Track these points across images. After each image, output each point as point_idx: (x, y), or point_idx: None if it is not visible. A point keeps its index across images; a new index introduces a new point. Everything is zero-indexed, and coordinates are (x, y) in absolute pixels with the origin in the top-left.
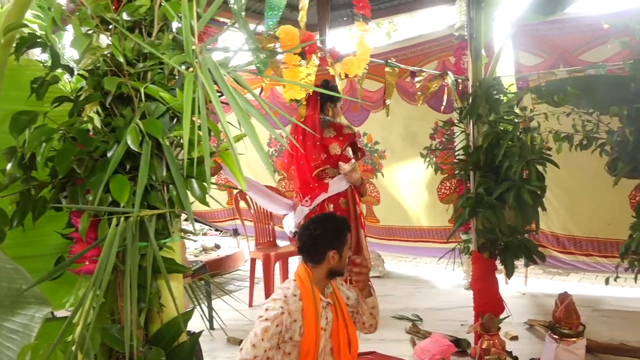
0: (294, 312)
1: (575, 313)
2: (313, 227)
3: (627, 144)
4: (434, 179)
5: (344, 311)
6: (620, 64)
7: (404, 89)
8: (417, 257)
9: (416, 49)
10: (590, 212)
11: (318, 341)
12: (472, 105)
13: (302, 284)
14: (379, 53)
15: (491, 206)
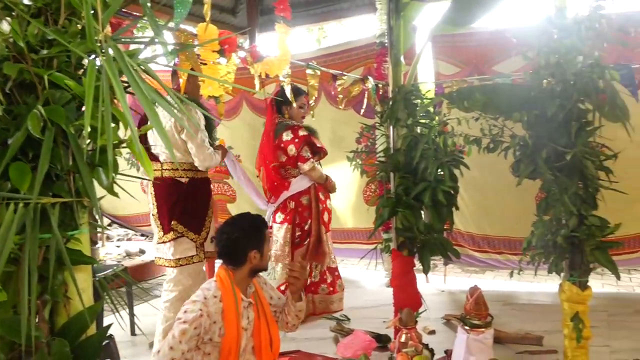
0: (213, 314)
1: (484, 305)
2: (230, 230)
3: (527, 147)
4: (360, 181)
5: (265, 310)
6: (522, 75)
7: (329, 93)
8: (344, 259)
9: (343, 55)
10: (502, 212)
11: (239, 341)
12: (391, 109)
13: (223, 285)
14: (309, 58)
15: (409, 206)
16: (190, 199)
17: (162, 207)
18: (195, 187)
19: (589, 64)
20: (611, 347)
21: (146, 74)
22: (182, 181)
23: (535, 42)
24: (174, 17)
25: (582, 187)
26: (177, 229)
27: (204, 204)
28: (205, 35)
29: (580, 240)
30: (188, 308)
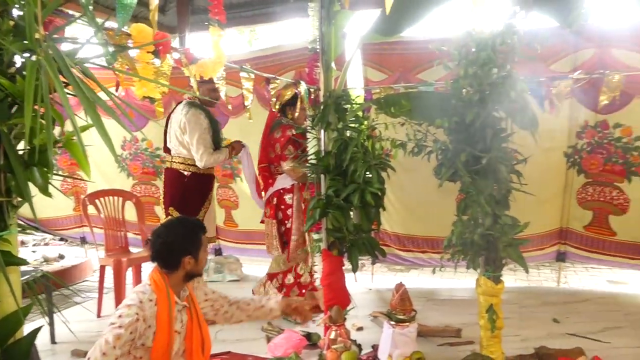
0: (149, 318)
1: (408, 300)
2: (165, 233)
3: (448, 151)
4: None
5: (198, 313)
6: (444, 84)
7: (261, 96)
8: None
9: (275, 59)
10: (425, 212)
11: (171, 345)
12: (322, 113)
13: (158, 288)
14: (241, 60)
15: (339, 207)
16: (189, 190)
17: (166, 195)
18: (195, 181)
19: (502, 76)
20: (521, 335)
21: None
22: (185, 174)
23: (455, 53)
24: (118, 22)
25: (497, 189)
26: (173, 214)
27: (202, 196)
28: (139, 36)
29: (495, 238)
30: (123, 312)
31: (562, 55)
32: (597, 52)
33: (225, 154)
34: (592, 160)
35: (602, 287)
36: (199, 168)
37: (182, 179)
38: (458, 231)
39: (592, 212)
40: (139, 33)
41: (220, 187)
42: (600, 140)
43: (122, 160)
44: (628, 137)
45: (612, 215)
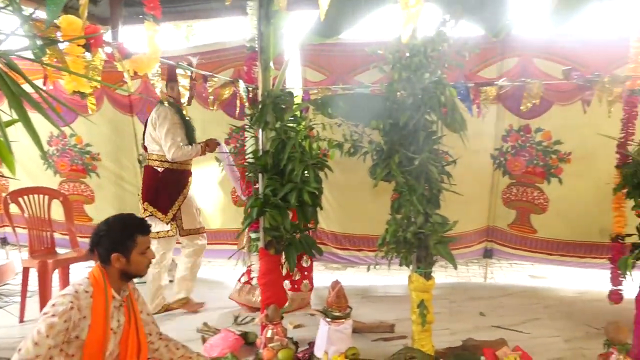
0: (84, 308)
1: (344, 298)
2: (103, 226)
3: (382, 152)
4: (229, 182)
5: (137, 316)
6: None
7: (199, 93)
8: (212, 260)
9: (213, 56)
10: (361, 211)
11: (106, 343)
12: (260, 112)
13: (96, 281)
14: (178, 56)
15: (277, 206)
16: (162, 185)
17: (142, 190)
18: (169, 176)
19: (433, 81)
20: (451, 329)
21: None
22: (159, 170)
23: (390, 57)
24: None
25: (428, 189)
26: (147, 209)
27: (176, 190)
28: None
29: (426, 235)
30: (57, 301)
31: (490, 63)
32: (521, 60)
33: (197, 150)
34: (515, 162)
35: (524, 281)
36: (172, 164)
37: (157, 175)
38: (392, 229)
39: (515, 211)
40: (68, 25)
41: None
42: (523, 143)
43: (48, 157)
44: (548, 141)
45: (534, 214)
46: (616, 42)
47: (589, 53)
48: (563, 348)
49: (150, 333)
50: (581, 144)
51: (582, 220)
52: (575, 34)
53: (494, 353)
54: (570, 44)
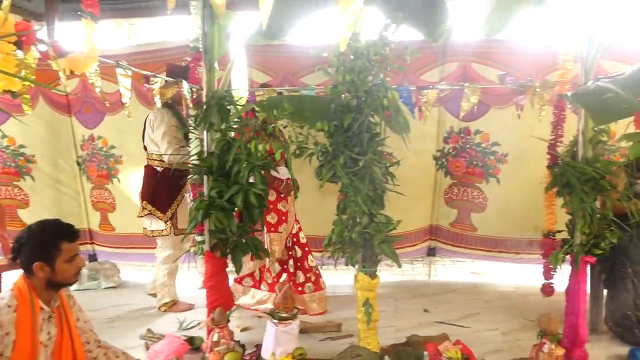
0: (6, 324)
1: (291, 298)
2: (25, 233)
3: (328, 153)
4: None
5: (71, 326)
6: (323, 88)
7: (142, 94)
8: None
9: (156, 55)
10: (309, 212)
11: (35, 358)
12: (205, 114)
13: (20, 294)
14: (120, 55)
15: (222, 208)
16: (160, 185)
17: (142, 189)
18: (167, 176)
19: (376, 84)
20: (396, 326)
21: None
22: (158, 170)
23: (334, 60)
24: None
25: (372, 190)
26: (147, 207)
27: (173, 191)
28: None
29: (371, 235)
30: None
31: (431, 67)
32: (461, 65)
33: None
34: (456, 163)
35: (466, 278)
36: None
37: (155, 175)
38: (338, 230)
39: (457, 210)
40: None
41: (95, 189)
42: (464, 145)
43: None
44: (486, 142)
45: (474, 213)
46: (547, 49)
47: (524, 59)
48: (501, 340)
49: (87, 341)
50: (516, 146)
51: (518, 218)
52: (511, 41)
53: (437, 347)
54: (506, 50)
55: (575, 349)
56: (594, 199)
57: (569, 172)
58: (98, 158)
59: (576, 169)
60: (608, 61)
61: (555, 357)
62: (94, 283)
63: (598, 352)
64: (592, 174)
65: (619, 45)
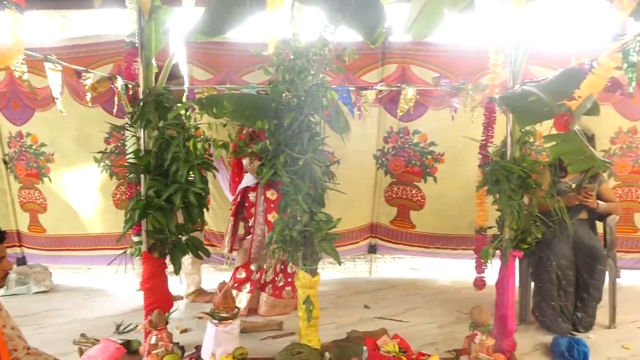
0: None
1: (231, 298)
2: None
3: (268, 152)
4: (109, 184)
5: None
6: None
7: (74, 89)
8: (91, 267)
9: (90, 49)
10: None
11: None
12: (142, 111)
13: None
14: (52, 48)
15: (160, 208)
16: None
17: None
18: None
19: (316, 84)
20: (337, 323)
21: None
22: None
23: (274, 59)
24: None
25: (313, 188)
26: None
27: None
28: None
29: (311, 233)
30: None
31: (371, 68)
32: (400, 66)
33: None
34: (396, 162)
35: (405, 274)
36: None
37: None
38: (278, 228)
39: (396, 208)
40: None
41: (24, 188)
42: (403, 144)
43: None
44: (424, 142)
45: (412, 211)
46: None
47: (459, 62)
48: (437, 333)
49: (15, 349)
50: (452, 146)
51: (453, 216)
52: (447, 44)
53: (375, 342)
54: (443, 53)
55: (505, 339)
56: (521, 197)
57: (498, 171)
58: (27, 156)
59: (505, 168)
60: (536, 66)
61: (485, 347)
62: (23, 288)
63: (526, 341)
64: (519, 173)
65: (546, 50)
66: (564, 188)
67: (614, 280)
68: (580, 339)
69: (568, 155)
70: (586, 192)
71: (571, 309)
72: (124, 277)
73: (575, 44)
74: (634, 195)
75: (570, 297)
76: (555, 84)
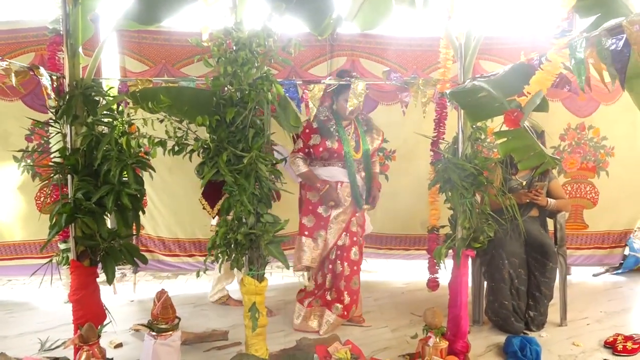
0: None
1: (171, 308)
2: None
3: (210, 150)
4: (31, 185)
5: None
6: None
7: None
8: (12, 278)
9: (9, 36)
10: (192, 214)
11: None
12: (68, 105)
13: None
14: None
15: (90, 211)
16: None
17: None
18: None
19: (260, 77)
20: (285, 330)
21: None
22: None
23: (215, 50)
24: None
25: (258, 188)
26: (201, 202)
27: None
28: None
29: (257, 236)
30: None
31: (320, 61)
32: (349, 60)
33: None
34: None
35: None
36: None
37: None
38: (222, 231)
39: None
40: None
41: None
42: None
43: None
44: None
45: None
46: (430, 46)
47: (409, 56)
48: (390, 337)
49: None
50: (404, 143)
51: (406, 215)
52: (398, 37)
53: (326, 349)
54: (393, 47)
55: (458, 341)
56: (473, 195)
57: (450, 168)
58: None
59: (457, 166)
60: (487, 61)
61: (439, 349)
62: None
63: (479, 342)
64: (471, 170)
65: (496, 45)
66: (515, 185)
67: (565, 278)
68: (532, 338)
69: (518, 151)
70: (536, 189)
71: (524, 308)
72: (50, 289)
73: (525, 38)
74: (583, 192)
75: (522, 296)
76: (505, 80)
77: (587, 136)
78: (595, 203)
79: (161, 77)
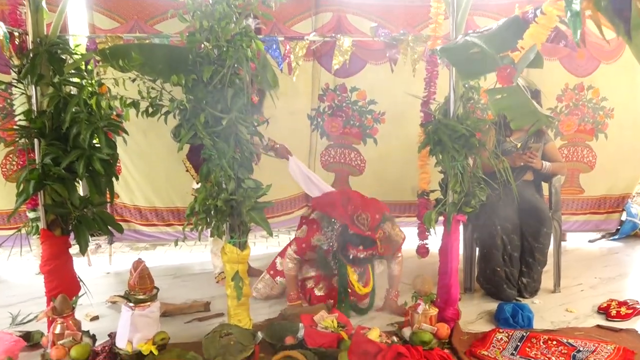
0: None
1: (148, 278)
2: None
3: (186, 111)
4: None
5: None
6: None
7: None
8: None
9: None
10: (169, 181)
11: None
12: (32, 64)
13: None
14: None
15: (60, 177)
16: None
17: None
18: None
19: (239, 33)
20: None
21: None
22: None
23: (190, 4)
24: None
25: (239, 152)
26: (185, 164)
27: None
28: None
29: (238, 202)
30: None
31: (304, 17)
32: (335, 15)
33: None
34: (332, 123)
35: None
36: None
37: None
38: (201, 198)
39: (334, 173)
40: None
41: None
42: (340, 103)
43: None
44: (363, 100)
45: (351, 176)
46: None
47: (399, 11)
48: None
49: None
50: (393, 104)
51: (396, 180)
52: None
53: (312, 318)
54: (380, 1)
55: (448, 308)
56: (465, 157)
57: (440, 130)
58: None
59: (448, 127)
60: (481, 17)
61: (428, 317)
62: None
63: (470, 309)
64: (462, 132)
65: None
66: (509, 148)
67: (559, 244)
68: (525, 305)
69: (510, 110)
70: (531, 152)
71: (516, 274)
72: (20, 261)
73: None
74: (580, 155)
75: (515, 262)
76: (499, 35)
77: (585, 97)
78: (593, 167)
79: (133, 34)
